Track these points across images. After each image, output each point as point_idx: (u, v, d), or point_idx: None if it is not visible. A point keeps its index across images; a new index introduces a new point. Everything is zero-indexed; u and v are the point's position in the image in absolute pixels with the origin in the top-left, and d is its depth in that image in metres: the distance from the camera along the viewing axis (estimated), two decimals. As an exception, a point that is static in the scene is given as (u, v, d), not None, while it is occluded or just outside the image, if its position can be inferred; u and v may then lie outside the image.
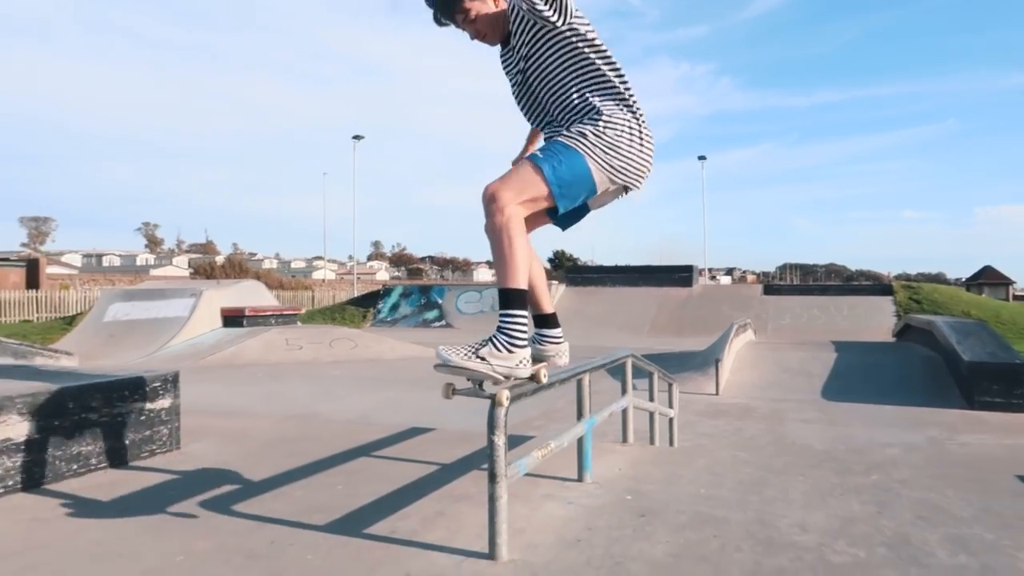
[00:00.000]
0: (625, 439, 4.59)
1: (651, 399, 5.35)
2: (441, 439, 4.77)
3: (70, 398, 3.55)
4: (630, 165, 2.58)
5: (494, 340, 2.47)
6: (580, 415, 3.55)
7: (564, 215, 2.67)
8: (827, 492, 3.48)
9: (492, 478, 2.49)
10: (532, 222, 2.60)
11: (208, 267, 38.32)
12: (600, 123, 2.53)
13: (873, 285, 26.92)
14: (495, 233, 2.40)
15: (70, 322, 16.81)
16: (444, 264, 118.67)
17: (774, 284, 28.27)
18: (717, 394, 9.47)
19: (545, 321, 2.80)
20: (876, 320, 20.29)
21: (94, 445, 3.65)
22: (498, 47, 2.75)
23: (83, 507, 3.11)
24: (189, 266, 76.66)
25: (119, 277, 51.59)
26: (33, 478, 3.34)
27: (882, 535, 2.82)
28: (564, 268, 38.28)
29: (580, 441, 3.54)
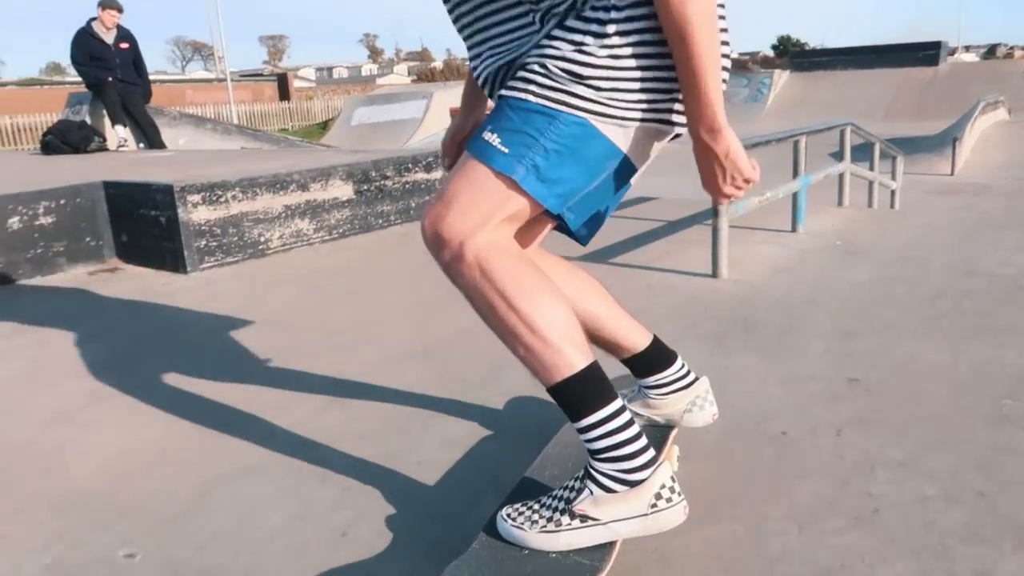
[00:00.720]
0: (841, 203, 4.89)
1: (871, 169, 5.49)
2: (664, 205, 5.34)
3: (372, 168, 4.51)
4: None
5: (592, 480, 1.19)
6: (796, 173, 3.93)
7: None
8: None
9: (715, 213, 3.06)
10: (530, 231, 1.35)
11: (428, 72, 39.92)
12: (610, 34, 1.11)
13: None
14: (472, 294, 1.19)
15: (323, 126, 18.89)
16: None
17: (1042, 57, 24.46)
18: (952, 174, 9.09)
19: (647, 362, 1.54)
20: None
21: (392, 206, 4.64)
22: None
23: (390, 248, 4.11)
24: (409, 73, 79.97)
25: (351, 87, 55.30)
26: (354, 227, 4.39)
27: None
28: (789, 53, 35.41)
29: (795, 196, 3.96)
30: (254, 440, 1.80)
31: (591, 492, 1.18)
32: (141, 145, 7.32)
